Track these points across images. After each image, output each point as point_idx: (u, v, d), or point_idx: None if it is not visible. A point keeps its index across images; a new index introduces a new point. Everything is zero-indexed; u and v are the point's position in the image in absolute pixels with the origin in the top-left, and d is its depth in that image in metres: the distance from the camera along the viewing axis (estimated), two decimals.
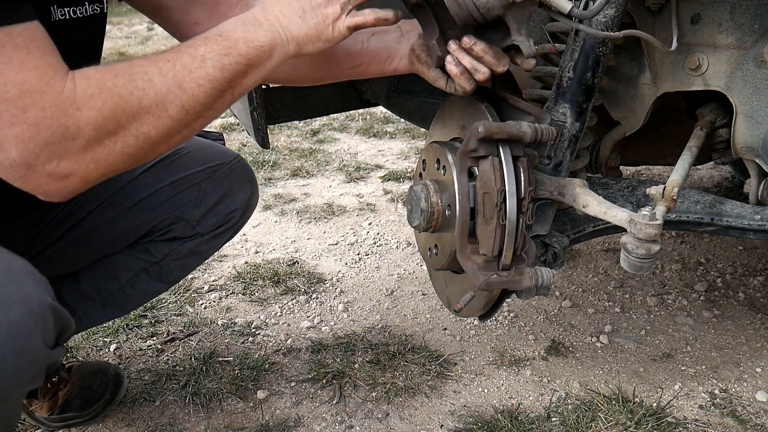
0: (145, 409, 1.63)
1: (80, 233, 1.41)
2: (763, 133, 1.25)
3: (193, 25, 1.28)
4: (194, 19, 1.27)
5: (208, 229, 1.48)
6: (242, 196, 1.50)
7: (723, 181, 3.19)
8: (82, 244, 1.42)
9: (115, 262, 1.49)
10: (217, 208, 1.48)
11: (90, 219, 1.41)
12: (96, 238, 1.44)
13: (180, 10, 1.27)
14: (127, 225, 1.45)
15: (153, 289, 1.55)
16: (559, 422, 1.56)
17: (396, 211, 2.90)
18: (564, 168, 1.21)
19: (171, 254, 1.49)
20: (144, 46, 7.52)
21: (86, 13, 1.16)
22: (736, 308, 2.09)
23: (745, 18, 1.20)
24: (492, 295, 1.21)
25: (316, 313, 2.07)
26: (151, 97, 0.92)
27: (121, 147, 0.92)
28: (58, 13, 1.10)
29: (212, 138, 1.60)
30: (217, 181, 1.47)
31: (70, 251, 1.42)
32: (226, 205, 1.48)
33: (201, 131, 1.61)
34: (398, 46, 1.21)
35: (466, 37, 1.07)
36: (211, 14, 1.27)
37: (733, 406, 1.63)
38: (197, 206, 1.46)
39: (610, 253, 2.45)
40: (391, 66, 1.23)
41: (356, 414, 1.61)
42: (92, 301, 1.50)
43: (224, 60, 0.96)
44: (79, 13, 1.15)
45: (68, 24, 1.12)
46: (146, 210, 1.44)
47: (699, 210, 1.31)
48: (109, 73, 0.91)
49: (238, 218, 1.51)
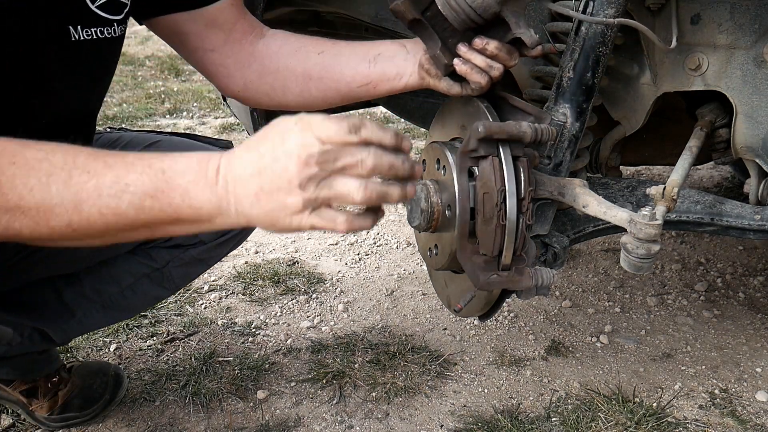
0: (145, 409, 1.63)
1: None
2: (763, 133, 1.25)
3: (209, 52, 1.29)
4: (210, 46, 1.29)
5: (212, 237, 1.47)
6: None
7: (723, 181, 3.19)
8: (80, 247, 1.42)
9: (116, 267, 1.49)
10: None
11: None
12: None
13: (196, 36, 1.28)
14: None
15: (155, 294, 1.54)
16: (559, 422, 1.56)
17: (396, 211, 2.90)
18: (564, 168, 1.21)
19: (173, 261, 1.49)
20: (144, 45, 7.52)
21: (114, 34, 1.17)
22: (736, 308, 2.09)
23: (745, 18, 1.20)
24: (492, 295, 1.21)
25: (316, 313, 2.07)
26: (34, 201, 0.81)
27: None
28: (83, 33, 1.11)
29: (221, 146, 1.59)
30: None
31: (67, 252, 1.41)
32: None
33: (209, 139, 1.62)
34: (406, 63, 1.21)
35: (477, 39, 1.07)
36: (227, 40, 1.29)
37: (733, 406, 1.63)
38: None
39: (610, 253, 2.45)
40: (400, 83, 1.23)
41: (356, 414, 1.61)
42: (92, 303, 1.50)
43: (147, 202, 0.83)
44: (107, 33, 1.15)
45: (89, 44, 1.13)
46: None
47: (699, 210, 1.31)
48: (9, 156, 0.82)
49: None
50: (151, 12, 1.27)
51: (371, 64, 1.23)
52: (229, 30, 1.28)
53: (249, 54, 1.29)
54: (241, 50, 1.29)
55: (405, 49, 1.23)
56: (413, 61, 1.21)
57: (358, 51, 1.26)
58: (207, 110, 4.84)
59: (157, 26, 1.30)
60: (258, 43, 1.30)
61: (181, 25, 1.27)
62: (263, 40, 1.31)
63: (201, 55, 1.30)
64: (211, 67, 1.32)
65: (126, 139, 1.48)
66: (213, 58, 1.30)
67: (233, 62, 1.30)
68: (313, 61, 1.28)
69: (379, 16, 1.56)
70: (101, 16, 1.14)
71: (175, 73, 6.09)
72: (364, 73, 1.24)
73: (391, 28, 1.57)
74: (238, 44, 1.29)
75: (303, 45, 1.29)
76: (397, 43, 1.25)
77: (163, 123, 4.52)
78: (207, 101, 4.95)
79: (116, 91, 5.40)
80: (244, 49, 1.29)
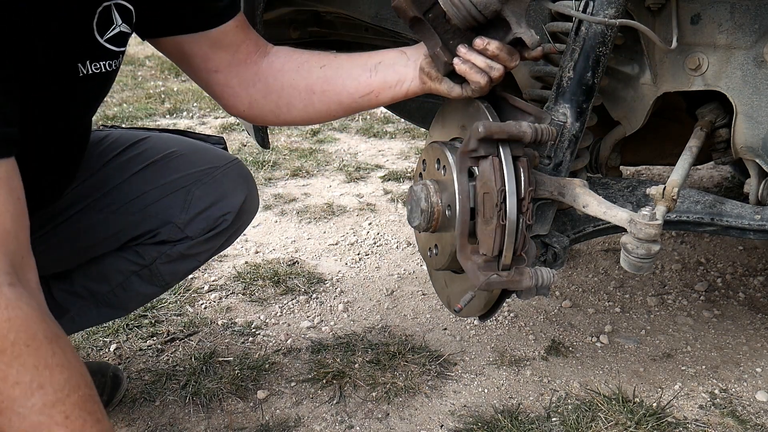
0: (145, 409, 1.63)
1: (64, 235, 1.39)
2: (763, 133, 1.25)
3: (213, 73, 1.31)
4: (214, 67, 1.30)
5: (198, 232, 1.45)
6: (235, 200, 1.47)
7: (723, 181, 3.20)
8: (66, 245, 1.41)
9: (105, 265, 1.48)
10: (208, 212, 1.45)
11: (73, 221, 1.40)
12: (80, 240, 1.42)
13: (201, 57, 1.29)
14: (113, 228, 1.43)
15: (146, 292, 1.53)
16: (559, 422, 1.56)
17: (396, 211, 2.90)
18: (564, 168, 1.21)
19: (160, 258, 1.47)
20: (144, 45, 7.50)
21: (118, 65, 1.19)
22: (736, 308, 2.09)
23: (745, 18, 1.20)
24: (492, 295, 1.21)
25: (316, 313, 2.07)
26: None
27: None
28: (91, 67, 1.13)
29: (212, 141, 1.59)
30: (207, 184, 1.44)
31: (54, 252, 1.40)
32: (218, 208, 1.45)
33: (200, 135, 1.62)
34: (406, 69, 1.22)
35: (478, 39, 1.07)
36: (231, 61, 1.30)
37: (733, 406, 1.63)
38: (185, 209, 1.44)
39: (610, 253, 2.45)
40: (402, 89, 1.24)
41: (356, 414, 1.61)
42: (84, 300, 1.49)
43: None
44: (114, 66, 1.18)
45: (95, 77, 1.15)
46: (132, 213, 1.42)
47: (699, 210, 1.31)
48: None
49: (230, 222, 1.47)
50: (154, 33, 1.28)
51: (372, 74, 1.24)
52: (234, 51, 1.29)
53: (253, 74, 1.31)
54: (245, 70, 1.30)
55: (405, 56, 1.23)
56: (414, 67, 1.21)
57: (358, 62, 1.27)
58: (207, 110, 4.84)
59: (160, 45, 1.31)
60: (262, 63, 1.31)
61: (185, 46, 1.28)
62: (267, 58, 1.32)
63: (205, 75, 1.31)
64: (216, 88, 1.33)
65: (114, 136, 1.48)
66: (218, 79, 1.31)
67: (238, 82, 1.31)
68: (315, 75, 1.29)
69: (379, 16, 1.56)
70: (109, 49, 1.16)
71: (175, 73, 6.09)
72: (366, 83, 1.25)
73: (391, 28, 1.57)
74: (243, 65, 1.30)
75: (305, 60, 1.30)
76: (396, 50, 1.25)
77: (163, 123, 4.53)
78: (207, 101, 4.95)
79: (116, 91, 5.40)
80: (248, 69, 1.31)
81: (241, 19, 1.30)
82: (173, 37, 1.27)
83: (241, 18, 1.30)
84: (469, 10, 1.02)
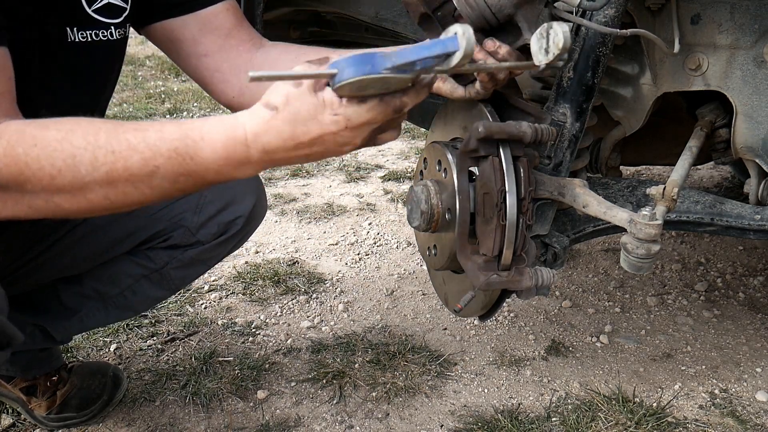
0: (145, 409, 1.63)
1: (75, 239, 1.40)
2: (763, 133, 1.25)
3: (203, 57, 1.29)
4: (204, 51, 1.28)
5: (210, 237, 1.46)
6: (246, 204, 1.48)
7: (723, 181, 3.20)
8: (77, 249, 1.42)
9: (115, 268, 1.48)
10: (219, 216, 1.46)
11: (84, 225, 1.40)
12: (91, 244, 1.42)
13: (191, 42, 1.27)
14: (123, 231, 1.44)
15: (155, 295, 1.54)
16: (559, 422, 1.56)
17: (396, 211, 2.90)
18: (564, 168, 1.21)
19: (171, 262, 1.48)
20: (144, 45, 7.51)
21: (111, 37, 1.18)
22: (736, 308, 2.09)
23: (745, 18, 1.20)
24: (492, 295, 1.21)
25: (316, 313, 2.07)
26: (66, 180, 0.88)
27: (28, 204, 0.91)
28: (78, 35, 1.11)
29: None
30: (219, 189, 1.45)
31: (66, 257, 1.41)
32: (229, 213, 1.46)
33: None
34: None
35: (489, 41, 1.05)
36: (222, 45, 1.28)
37: (733, 406, 1.63)
38: (197, 213, 1.45)
39: (610, 253, 2.45)
40: None
41: (356, 414, 1.61)
42: (93, 302, 1.50)
43: (180, 179, 0.90)
44: (102, 36, 1.16)
45: (85, 46, 1.13)
46: (143, 216, 1.43)
47: (699, 210, 1.31)
48: (30, 139, 0.87)
49: (241, 226, 1.48)
50: (144, 19, 1.27)
51: None
52: (225, 35, 1.28)
53: (247, 61, 1.29)
54: (237, 56, 1.29)
55: None
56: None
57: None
58: (207, 110, 4.84)
59: (152, 34, 1.30)
60: (256, 53, 1.30)
61: (176, 31, 1.27)
62: (263, 49, 1.31)
63: (195, 61, 1.29)
64: (206, 73, 1.30)
65: None
66: (207, 63, 1.29)
67: (229, 67, 1.29)
68: None
69: (379, 16, 1.56)
70: (97, 20, 1.15)
71: (176, 73, 6.09)
72: None
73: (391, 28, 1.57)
74: (234, 50, 1.29)
75: (303, 53, 1.29)
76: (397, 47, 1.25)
77: None
78: (207, 101, 4.95)
79: (116, 90, 5.37)
80: (240, 56, 1.29)
81: (232, 3, 1.29)
82: (163, 22, 1.26)
83: (233, 3, 1.29)
84: (483, 11, 1.01)
